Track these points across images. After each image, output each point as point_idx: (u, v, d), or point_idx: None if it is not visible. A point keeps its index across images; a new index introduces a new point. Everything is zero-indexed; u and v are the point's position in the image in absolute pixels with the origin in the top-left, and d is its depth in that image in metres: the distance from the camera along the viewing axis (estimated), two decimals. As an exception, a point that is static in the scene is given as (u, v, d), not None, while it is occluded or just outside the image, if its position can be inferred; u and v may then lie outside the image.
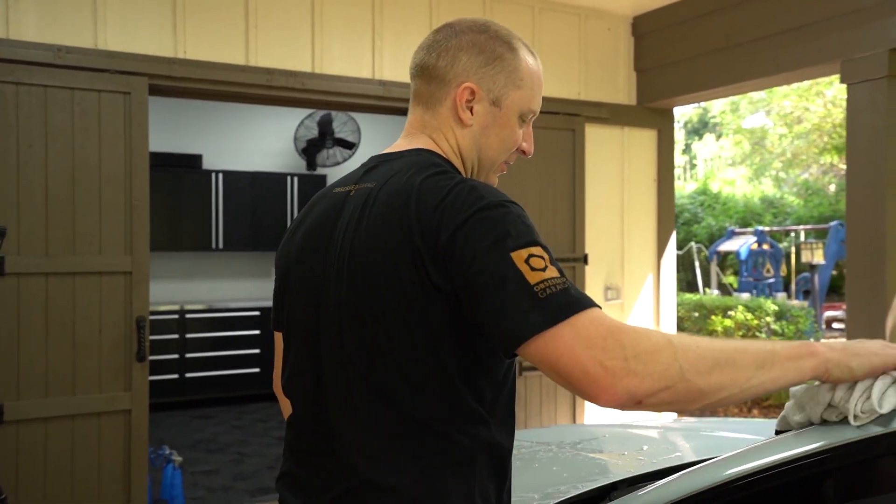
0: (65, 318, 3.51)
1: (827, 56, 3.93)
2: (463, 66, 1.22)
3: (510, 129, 1.27)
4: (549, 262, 1.03)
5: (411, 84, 1.30)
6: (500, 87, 1.23)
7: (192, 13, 3.82)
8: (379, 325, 1.10)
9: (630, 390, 0.96)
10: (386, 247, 1.10)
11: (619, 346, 0.97)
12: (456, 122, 1.24)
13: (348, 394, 1.13)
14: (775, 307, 6.71)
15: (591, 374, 0.96)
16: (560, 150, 4.77)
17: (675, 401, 0.99)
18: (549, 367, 1.00)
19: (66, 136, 3.53)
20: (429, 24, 4.42)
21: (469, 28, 1.25)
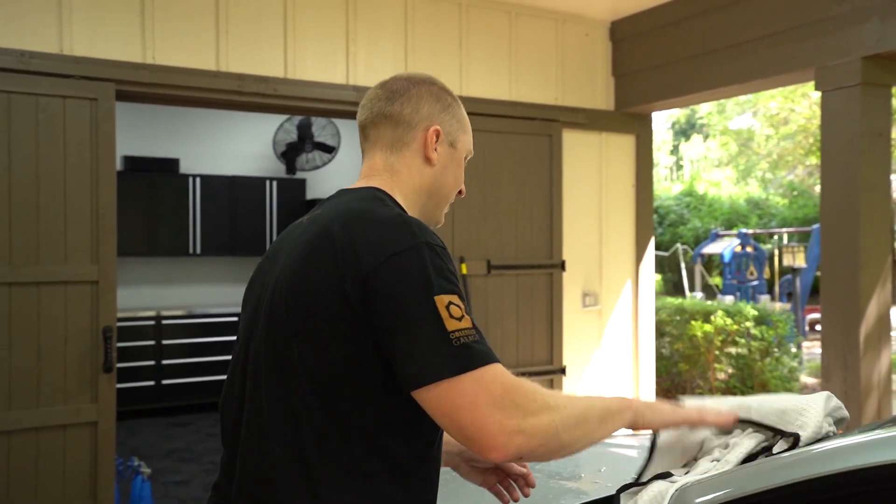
0: (29, 328, 3.45)
1: (801, 63, 3.91)
2: (427, 112, 1.36)
3: (461, 169, 1.42)
4: (465, 312, 1.10)
5: (368, 131, 1.40)
6: (455, 131, 1.39)
7: (161, 18, 3.76)
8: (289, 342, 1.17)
9: (519, 448, 1.05)
10: (308, 271, 1.16)
11: (514, 407, 1.05)
12: (423, 162, 1.36)
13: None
14: (755, 312, 6.70)
15: (488, 432, 1.04)
16: (537, 156, 4.74)
17: (545, 454, 1.10)
18: (445, 416, 1.06)
19: (30, 143, 3.47)
20: (403, 29, 4.38)
21: (422, 80, 1.40)
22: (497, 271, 4.58)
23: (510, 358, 4.62)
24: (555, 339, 4.77)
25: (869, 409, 3.79)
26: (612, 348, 5.11)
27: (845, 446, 1.23)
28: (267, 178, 7.46)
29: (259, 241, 7.38)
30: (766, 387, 6.58)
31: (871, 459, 1.12)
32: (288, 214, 7.49)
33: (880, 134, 3.72)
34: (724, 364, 6.84)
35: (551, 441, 1.08)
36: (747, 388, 6.66)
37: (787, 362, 6.77)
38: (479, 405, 1.04)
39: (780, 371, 6.64)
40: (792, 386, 6.81)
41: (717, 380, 6.87)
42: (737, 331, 6.62)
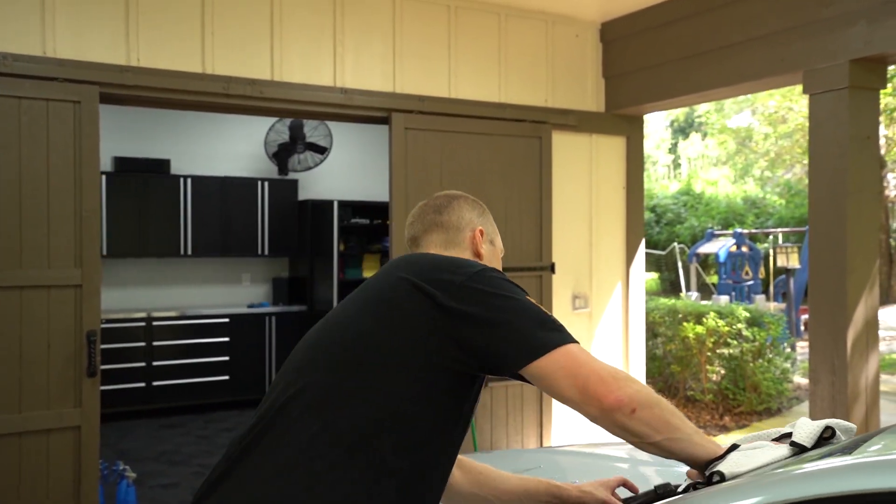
0: (11, 333, 3.43)
1: (789, 66, 3.89)
2: (469, 217, 1.68)
3: (499, 263, 1.70)
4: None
5: (420, 240, 1.68)
6: (492, 233, 1.72)
7: (146, 20, 3.74)
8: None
9: (631, 395, 1.25)
10: (392, 304, 1.38)
11: (618, 373, 1.29)
12: (474, 256, 1.64)
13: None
14: (747, 313, 6.68)
15: (606, 382, 1.26)
16: (526, 158, 4.72)
17: (650, 424, 1.26)
18: (565, 377, 1.27)
19: (13, 146, 3.45)
20: (392, 31, 4.36)
21: (459, 195, 1.73)
22: (486, 274, 4.55)
23: (499, 361, 4.60)
24: (544, 342, 4.74)
25: (857, 413, 3.78)
26: (603, 351, 5.09)
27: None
28: (258, 178, 7.44)
29: (251, 242, 7.36)
30: (757, 388, 6.57)
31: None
32: (280, 215, 7.47)
33: (868, 137, 3.70)
34: (716, 366, 6.83)
35: (656, 409, 1.27)
36: (739, 390, 6.65)
37: (779, 364, 6.75)
38: (591, 363, 1.29)
39: (771, 373, 6.62)
40: (784, 388, 6.80)
41: (710, 381, 6.86)
42: (728, 332, 6.61)
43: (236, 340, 7.11)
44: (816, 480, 1.15)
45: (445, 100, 4.50)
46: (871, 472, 1.13)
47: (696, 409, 6.78)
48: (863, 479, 1.10)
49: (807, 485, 1.14)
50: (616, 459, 2.39)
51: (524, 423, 4.71)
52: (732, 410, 6.67)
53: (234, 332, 7.10)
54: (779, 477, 1.25)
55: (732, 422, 6.48)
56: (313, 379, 1.34)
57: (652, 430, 1.26)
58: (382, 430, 1.28)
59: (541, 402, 4.74)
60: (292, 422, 1.30)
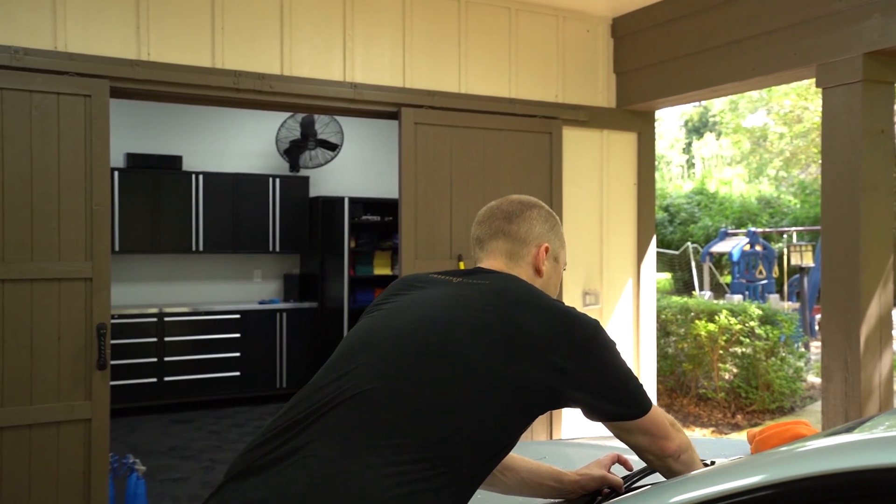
0: (22, 325, 3.45)
1: (802, 60, 3.85)
2: (538, 232, 1.66)
3: (560, 277, 1.72)
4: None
5: (486, 243, 1.69)
6: (558, 248, 1.70)
7: (156, 14, 3.75)
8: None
9: (680, 444, 1.52)
10: (484, 329, 1.41)
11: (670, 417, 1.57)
12: (534, 273, 1.64)
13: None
14: (759, 311, 6.62)
15: (670, 436, 1.51)
16: (537, 154, 4.70)
17: (686, 460, 1.53)
18: (647, 433, 1.48)
19: (24, 140, 3.47)
20: (402, 25, 4.35)
21: (533, 205, 1.71)
22: (495, 270, 4.54)
23: (508, 357, 4.58)
24: (554, 339, 4.72)
25: (870, 410, 3.73)
26: (613, 348, 5.06)
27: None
28: (270, 175, 7.46)
29: (262, 239, 7.38)
30: (770, 387, 6.51)
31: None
32: (291, 212, 7.49)
33: (882, 131, 3.66)
34: (728, 364, 6.78)
35: (690, 453, 1.54)
36: (751, 389, 6.60)
37: (792, 362, 6.69)
38: (664, 423, 1.51)
39: (784, 371, 6.56)
40: (797, 386, 6.74)
41: (722, 380, 6.81)
42: (741, 330, 6.55)
43: (247, 336, 7.13)
44: (820, 457, 1.14)
45: (455, 95, 4.49)
46: (873, 449, 1.11)
47: (708, 408, 6.73)
48: (865, 456, 1.09)
49: (811, 462, 1.13)
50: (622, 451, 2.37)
51: (533, 419, 4.68)
52: (745, 409, 6.62)
53: (245, 328, 7.12)
54: (781, 455, 1.24)
55: (745, 420, 6.42)
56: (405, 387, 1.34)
57: (686, 468, 1.51)
58: (466, 441, 1.33)
59: (550, 399, 4.71)
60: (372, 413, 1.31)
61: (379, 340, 1.42)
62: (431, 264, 4.37)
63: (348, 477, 1.21)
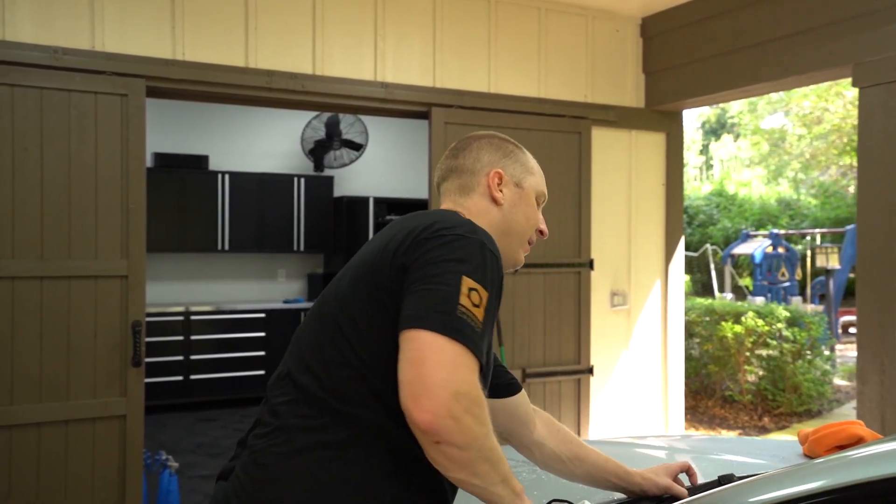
0: (59, 322, 3.48)
1: (838, 59, 3.83)
2: (487, 160, 1.50)
3: (532, 208, 1.53)
4: (484, 308, 1.18)
5: (441, 187, 1.54)
6: (519, 173, 1.52)
7: (191, 14, 3.78)
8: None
9: (443, 429, 1.08)
10: (375, 251, 1.29)
11: (467, 398, 1.10)
12: (490, 203, 1.48)
13: None
14: (787, 313, 6.57)
15: (432, 394, 1.08)
16: (566, 154, 4.69)
17: (455, 458, 1.11)
18: (413, 359, 1.11)
19: (62, 139, 3.50)
20: (432, 25, 4.36)
21: (482, 135, 1.56)
22: (524, 269, 4.54)
23: (537, 357, 4.58)
24: (582, 339, 4.72)
25: (906, 413, 3.70)
26: (641, 349, 5.05)
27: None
28: (295, 175, 7.49)
29: (287, 238, 7.41)
30: (798, 389, 6.46)
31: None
32: (316, 211, 7.52)
33: (920, 131, 3.62)
34: (754, 366, 6.73)
35: (466, 452, 1.11)
36: (778, 391, 6.55)
37: (819, 365, 6.64)
38: (444, 370, 1.10)
39: (812, 374, 6.51)
40: (825, 389, 6.68)
41: (748, 382, 6.76)
42: (768, 332, 6.51)
43: (272, 335, 7.16)
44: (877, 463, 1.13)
45: (485, 95, 4.49)
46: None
47: (734, 410, 6.69)
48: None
49: (868, 468, 1.13)
50: (656, 448, 2.37)
51: (562, 418, 4.68)
52: (772, 412, 6.57)
53: (269, 327, 7.16)
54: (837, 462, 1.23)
55: (772, 423, 6.38)
56: None
57: (448, 464, 1.13)
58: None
59: (578, 398, 4.71)
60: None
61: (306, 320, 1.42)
62: (461, 264, 4.36)
63: (268, 458, 1.25)
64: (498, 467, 1.16)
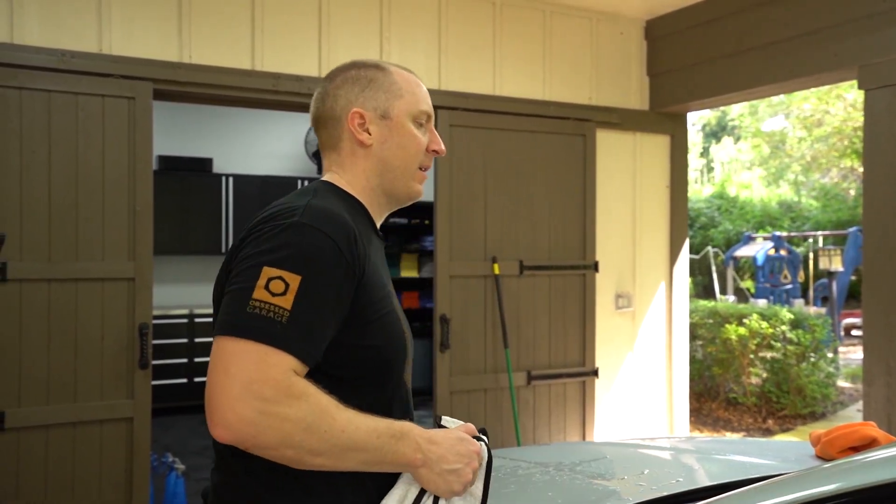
0: (67, 324, 3.49)
1: (843, 61, 3.83)
2: (345, 101, 1.36)
3: (408, 135, 1.38)
4: (294, 294, 1.08)
5: (316, 130, 1.44)
6: (383, 102, 1.37)
7: (198, 18, 3.79)
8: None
9: (236, 432, 1.02)
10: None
11: (261, 398, 1.02)
12: (358, 147, 1.36)
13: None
14: (791, 315, 6.58)
15: (220, 397, 1.02)
16: (570, 156, 4.70)
17: (285, 460, 1.06)
18: (209, 372, 1.06)
19: (70, 142, 3.51)
20: (437, 27, 4.37)
21: (339, 70, 1.41)
22: (529, 272, 4.55)
23: (542, 359, 4.59)
24: (587, 341, 4.72)
25: (912, 415, 3.70)
26: (646, 351, 5.05)
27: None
28: (298, 177, 7.49)
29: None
30: (802, 392, 6.46)
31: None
32: (319, 214, 7.52)
33: (926, 133, 3.63)
34: (758, 368, 6.74)
35: (284, 450, 1.05)
36: (783, 393, 6.55)
37: (823, 367, 6.64)
38: (228, 376, 1.03)
39: (816, 376, 6.51)
40: (829, 391, 6.68)
41: (752, 384, 6.77)
42: (772, 334, 6.51)
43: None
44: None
45: (490, 97, 4.50)
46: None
47: (738, 412, 6.69)
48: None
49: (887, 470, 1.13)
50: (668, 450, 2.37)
51: (567, 420, 4.68)
52: (776, 414, 6.57)
53: (273, 329, 7.14)
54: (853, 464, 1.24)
55: (776, 425, 6.38)
56: None
57: (291, 462, 1.10)
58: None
59: (583, 400, 4.71)
60: None
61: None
62: (466, 266, 4.38)
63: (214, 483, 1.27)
64: (358, 449, 1.09)
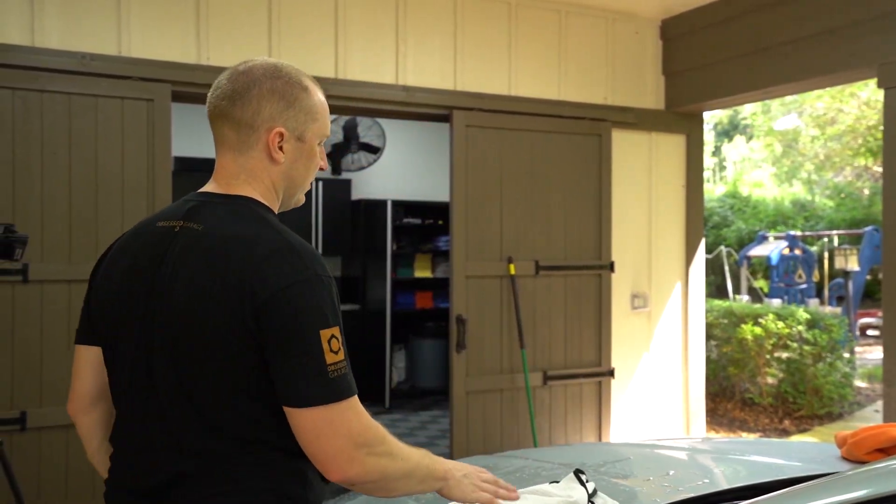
0: (87, 325, 3.51)
1: (863, 60, 3.81)
2: (269, 113, 1.37)
3: (313, 157, 1.45)
4: (341, 342, 1.25)
5: (213, 125, 1.42)
6: (302, 125, 1.40)
7: (215, 20, 3.81)
8: (196, 361, 1.25)
9: (352, 477, 1.23)
10: (213, 290, 1.24)
11: (365, 443, 1.24)
12: (270, 162, 1.39)
13: (162, 409, 1.28)
14: (807, 315, 6.54)
15: (337, 458, 1.21)
16: (586, 156, 4.69)
17: (372, 490, 1.30)
18: (309, 434, 1.21)
19: (89, 144, 3.54)
20: (453, 28, 4.37)
21: (264, 75, 1.38)
22: (545, 272, 4.54)
23: (558, 359, 4.58)
24: (603, 341, 4.71)
25: (932, 416, 3.68)
26: (662, 351, 5.04)
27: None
28: (313, 178, 7.50)
29: (305, 241, 7.41)
30: (819, 392, 6.43)
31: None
32: (333, 214, 7.53)
33: (946, 132, 3.61)
34: (774, 368, 6.70)
35: (380, 482, 1.27)
36: (799, 393, 6.52)
37: (840, 367, 6.60)
38: (339, 434, 1.21)
39: (833, 376, 6.47)
40: (846, 391, 6.64)
41: (768, 384, 6.73)
42: (788, 334, 6.48)
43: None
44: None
45: (505, 97, 4.50)
46: None
47: (754, 413, 6.66)
48: None
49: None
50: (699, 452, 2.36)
51: (583, 420, 4.67)
52: (792, 414, 6.54)
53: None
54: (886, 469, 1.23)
55: (793, 425, 6.35)
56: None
57: (390, 494, 1.34)
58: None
59: (599, 400, 4.71)
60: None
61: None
62: (482, 266, 4.38)
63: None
64: (413, 475, 1.33)
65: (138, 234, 1.41)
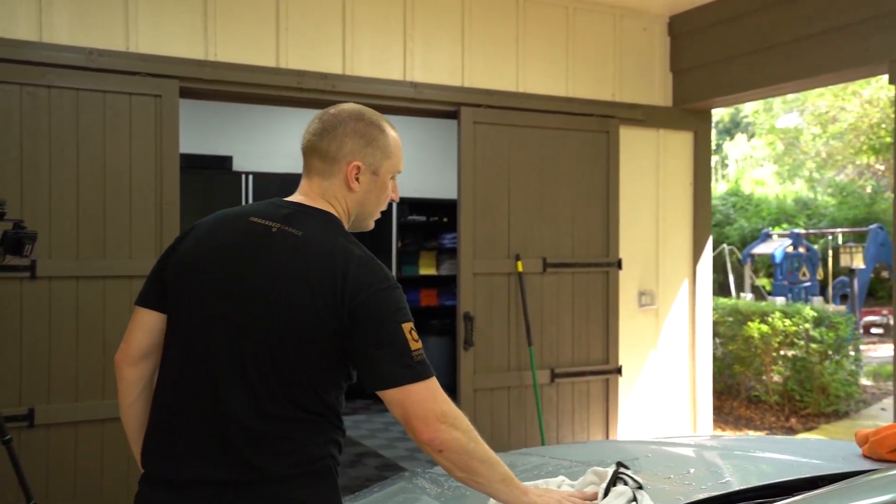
0: (95, 321, 3.50)
1: (873, 57, 3.80)
2: (349, 149, 1.62)
3: (385, 190, 1.70)
4: (416, 334, 1.50)
5: (305, 157, 1.69)
6: (377, 161, 1.65)
7: (223, 16, 3.80)
8: (289, 345, 1.47)
9: (445, 441, 1.43)
10: (312, 286, 1.48)
11: (452, 413, 1.46)
12: (347, 190, 1.64)
13: (248, 380, 1.49)
14: (814, 313, 6.53)
15: (429, 422, 1.43)
16: (593, 153, 4.68)
17: (457, 461, 1.46)
18: (399, 408, 1.45)
19: (97, 139, 3.52)
20: (460, 24, 4.36)
21: (350, 117, 1.65)
22: (553, 269, 4.53)
23: (566, 357, 4.57)
24: (611, 339, 4.70)
25: (943, 414, 3.67)
26: (669, 349, 5.02)
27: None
28: (316, 175, 7.49)
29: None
30: (825, 390, 6.41)
31: None
32: (337, 212, 7.52)
33: (958, 129, 3.59)
34: (780, 366, 6.69)
35: (463, 457, 1.45)
36: (806, 392, 6.51)
37: (846, 365, 6.59)
38: (428, 404, 1.44)
39: (840, 374, 6.46)
40: (853, 389, 6.63)
41: (774, 382, 6.72)
42: (795, 332, 6.46)
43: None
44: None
45: (513, 94, 4.48)
46: None
47: (760, 411, 6.65)
48: None
49: None
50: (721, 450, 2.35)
51: (590, 418, 4.66)
52: (799, 412, 6.53)
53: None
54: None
55: (799, 423, 6.33)
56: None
57: (469, 475, 1.48)
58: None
59: (607, 398, 4.69)
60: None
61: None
62: (489, 263, 4.37)
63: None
64: (495, 468, 1.48)
65: (225, 223, 1.61)
